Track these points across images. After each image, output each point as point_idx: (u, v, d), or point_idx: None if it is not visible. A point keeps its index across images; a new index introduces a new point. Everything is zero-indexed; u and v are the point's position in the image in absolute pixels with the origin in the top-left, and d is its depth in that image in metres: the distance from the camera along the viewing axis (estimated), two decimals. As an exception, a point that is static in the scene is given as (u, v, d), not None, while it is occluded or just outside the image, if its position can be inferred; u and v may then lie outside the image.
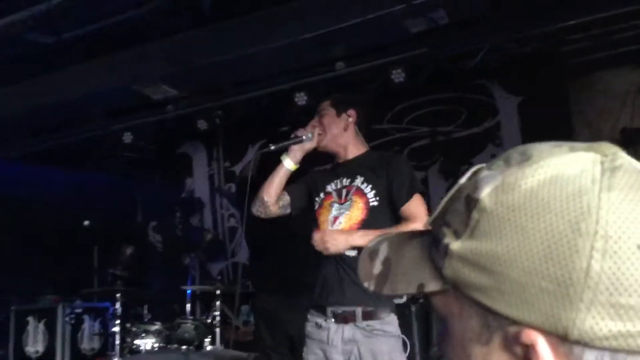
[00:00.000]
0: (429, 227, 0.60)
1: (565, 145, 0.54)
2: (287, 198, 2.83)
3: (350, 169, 2.77)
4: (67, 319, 5.47)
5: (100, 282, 6.27)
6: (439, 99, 5.46)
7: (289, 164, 2.77)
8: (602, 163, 0.52)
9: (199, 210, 6.52)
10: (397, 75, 4.77)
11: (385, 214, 2.67)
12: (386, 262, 0.62)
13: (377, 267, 0.62)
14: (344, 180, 2.75)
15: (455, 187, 0.58)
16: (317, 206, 2.78)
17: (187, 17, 4.55)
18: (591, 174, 0.51)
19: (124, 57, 4.89)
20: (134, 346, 4.47)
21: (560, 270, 0.48)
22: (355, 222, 2.64)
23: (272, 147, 2.75)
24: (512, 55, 4.72)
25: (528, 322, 0.50)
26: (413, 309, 4.31)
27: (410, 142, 5.59)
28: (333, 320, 2.58)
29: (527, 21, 4.42)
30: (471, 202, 0.54)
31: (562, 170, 0.51)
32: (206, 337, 4.44)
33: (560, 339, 0.49)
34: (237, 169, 6.48)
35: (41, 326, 5.52)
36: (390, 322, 2.59)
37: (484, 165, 0.58)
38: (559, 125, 4.93)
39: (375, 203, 2.66)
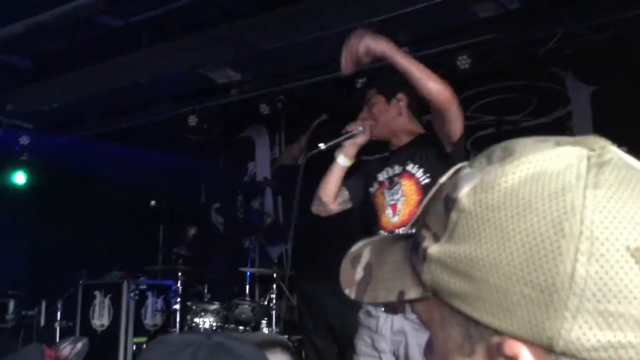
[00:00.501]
0: (411, 230, 0.57)
1: (552, 139, 0.50)
2: (345, 194, 2.78)
3: (401, 156, 2.70)
4: (131, 294, 5.66)
5: (165, 260, 6.46)
6: (507, 87, 5.29)
7: (343, 160, 2.69)
8: (588, 158, 0.47)
9: (261, 194, 6.59)
10: (463, 62, 4.64)
11: None
12: (367, 268, 0.59)
13: (359, 273, 0.59)
14: (396, 167, 2.68)
15: (436, 187, 0.54)
16: (372, 197, 2.72)
17: (252, 2, 4.58)
18: (576, 170, 0.46)
19: (190, 41, 4.96)
20: (194, 324, 4.58)
21: (543, 275, 0.44)
22: (414, 204, 2.57)
23: (323, 147, 2.67)
24: (587, 43, 4.51)
25: (511, 331, 0.46)
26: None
27: (476, 131, 5.44)
28: (382, 309, 2.54)
29: (604, 6, 4.21)
30: (449, 202, 0.50)
31: (545, 167, 0.47)
32: (263, 319, 4.49)
33: (546, 350, 0.45)
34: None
35: (107, 301, 5.74)
36: None
37: (466, 163, 0.54)
38: (633, 116, 4.69)
39: (427, 180, 2.57)
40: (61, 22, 4.24)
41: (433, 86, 2.40)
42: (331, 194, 2.70)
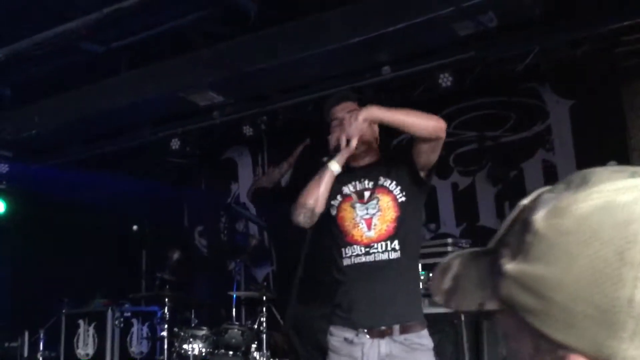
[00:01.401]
0: (493, 246, 0.61)
1: (628, 170, 0.53)
2: None
3: (371, 171, 2.66)
4: (116, 322, 5.58)
5: (148, 285, 6.38)
6: (487, 103, 5.36)
7: (336, 167, 2.60)
8: None
9: (244, 216, 6.56)
10: (445, 80, 4.70)
11: (415, 209, 2.60)
12: (455, 279, 0.63)
13: (447, 283, 0.64)
14: (365, 182, 2.64)
15: (518, 208, 0.58)
16: (334, 211, 2.64)
17: (233, 25, 4.59)
18: None
19: (171, 65, 4.95)
20: (182, 351, 4.51)
21: (605, 298, 0.48)
22: (391, 220, 2.53)
23: (325, 160, 2.65)
24: (564, 58, 4.59)
25: (574, 347, 0.50)
26: (462, 317, 4.24)
27: (457, 148, 5.50)
28: (368, 335, 2.45)
29: (579, 23, 4.30)
30: (527, 224, 0.55)
31: (615, 197, 0.50)
32: (252, 343, 4.44)
33: None
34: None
35: (91, 329, 5.64)
36: (425, 335, 2.50)
37: (548, 187, 0.58)
38: (612, 129, 4.78)
39: (404, 199, 2.56)
40: (41, 49, 4.20)
41: (431, 124, 2.46)
42: (323, 201, 2.58)
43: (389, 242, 2.52)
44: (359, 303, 2.50)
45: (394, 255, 2.50)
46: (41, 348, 5.67)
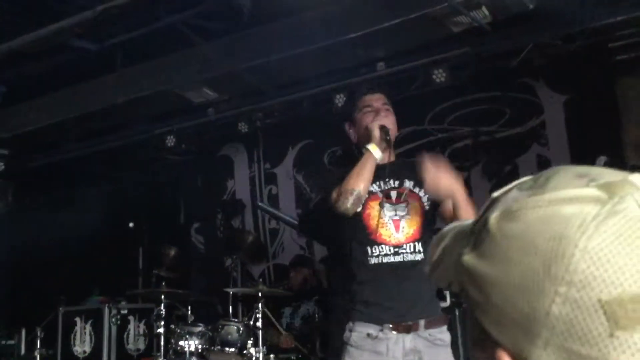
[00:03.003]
0: (471, 228, 0.61)
1: (588, 177, 0.53)
2: None
3: (394, 171, 2.64)
4: (113, 320, 5.58)
5: (145, 283, 6.38)
6: (481, 99, 5.37)
7: (378, 154, 2.54)
8: (603, 204, 0.50)
9: (240, 212, 6.57)
10: (439, 75, 4.71)
11: (432, 219, 2.63)
12: (443, 252, 0.64)
13: (437, 254, 0.65)
14: (391, 181, 2.63)
15: (489, 199, 0.59)
16: (359, 208, 2.59)
17: (227, 22, 4.59)
18: (583, 216, 0.50)
19: (165, 62, 4.96)
20: (179, 347, 4.51)
21: (527, 306, 0.50)
22: (417, 226, 2.56)
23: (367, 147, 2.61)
24: (558, 53, 4.61)
25: (502, 344, 0.53)
26: (457, 312, 4.26)
27: (452, 143, 5.52)
28: (394, 331, 2.44)
29: (573, 18, 4.31)
30: (485, 221, 0.56)
31: (560, 208, 0.51)
32: (249, 340, 4.45)
33: None
34: (278, 170, 6.50)
35: (88, 327, 5.64)
36: (445, 331, 2.52)
37: (522, 180, 0.58)
38: (606, 123, 4.80)
39: (427, 207, 2.60)
40: (36, 46, 4.20)
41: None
42: (368, 186, 2.53)
43: (416, 244, 2.54)
44: (387, 300, 2.49)
45: (419, 257, 2.53)
46: (38, 346, 5.68)
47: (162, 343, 4.75)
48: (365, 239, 2.56)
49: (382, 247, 2.54)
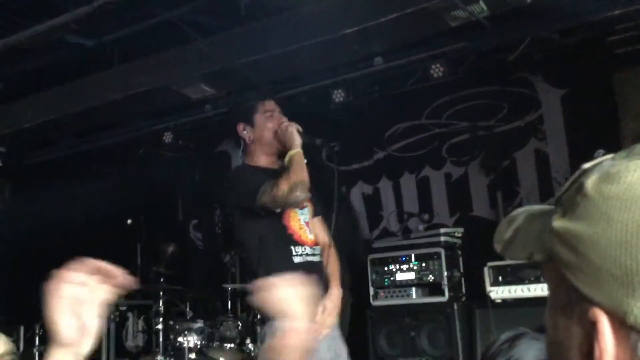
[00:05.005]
0: (553, 206, 0.65)
1: None
2: None
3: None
4: (111, 316, 5.57)
5: (144, 279, 6.37)
6: (479, 93, 5.36)
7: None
8: None
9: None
10: (436, 70, 4.71)
11: None
12: (516, 230, 0.67)
13: (509, 233, 0.68)
14: None
15: (580, 170, 0.62)
16: (281, 212, 2.67)
17: (224, 17, 4.58)
18: None
19: (163, 58, 4.94)
20: (178, 344, 4.52)
21: (630, 260, 0.52)
22: (315, 228, 2.83)
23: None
24: (555, 47, 4.61)
25: (597, 301, 0.55)
26: (455, 307, 4.26)
27: (450, 138, 5.51)
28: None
29: (571, 11, 4.31)
30: (580, 186, 0.59)
31: None
32: (248, 335, 4.46)
33: (621, 322, 0.54)
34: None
35: (87, 323, 5.63)
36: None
37: (613, 154, 0.62)
38: (604, 117, 4.79)
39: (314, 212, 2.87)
40: (32, 43, 4.18)
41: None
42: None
43: (319, 247, 2.76)
44: None
45: (321, 258, 2.74)
46: (37, 343, 5.67)
47: (161, 339, 4.76)
48: (287, 239, 2.69)
49: (304, 248, 2.70)
